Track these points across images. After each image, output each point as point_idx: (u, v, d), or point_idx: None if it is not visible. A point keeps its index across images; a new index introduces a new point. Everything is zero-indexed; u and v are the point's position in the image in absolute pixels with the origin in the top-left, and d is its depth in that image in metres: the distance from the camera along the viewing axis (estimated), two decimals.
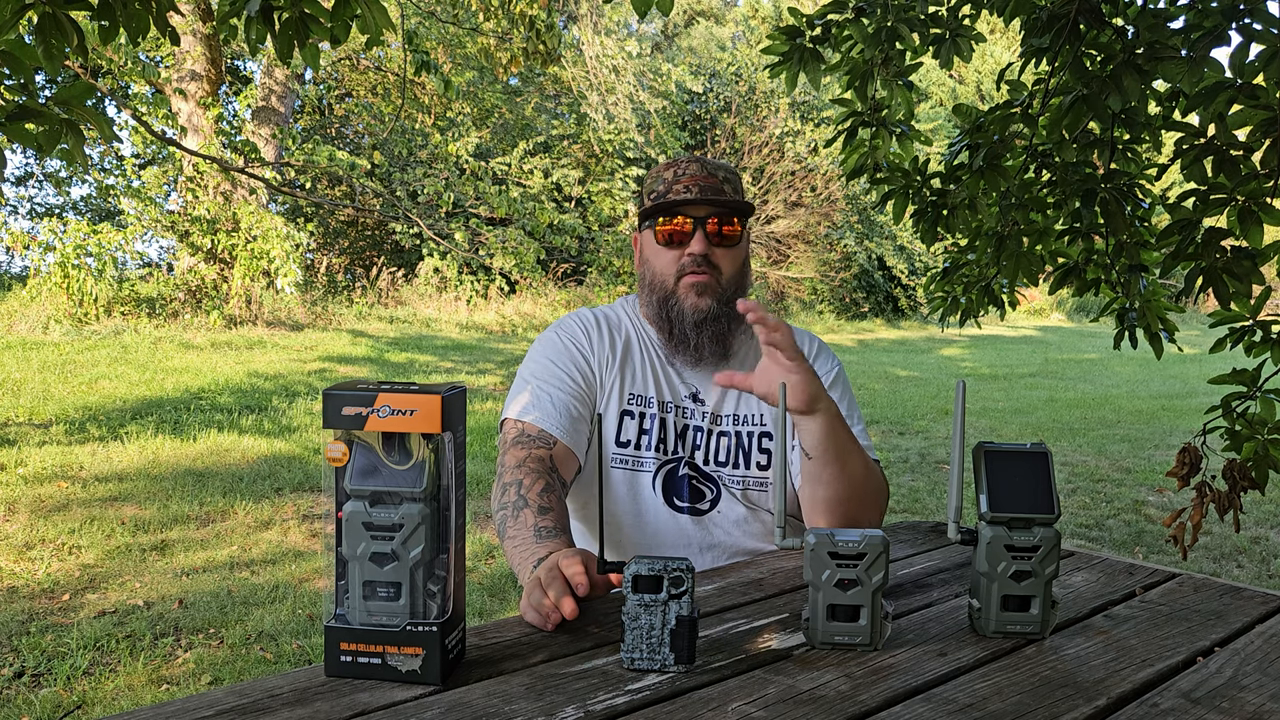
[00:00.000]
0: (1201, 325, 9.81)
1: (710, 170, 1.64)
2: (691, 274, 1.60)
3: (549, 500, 1.45)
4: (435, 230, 13.48)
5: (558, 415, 1.57)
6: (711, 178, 1.63)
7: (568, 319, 1.72)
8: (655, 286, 1.64)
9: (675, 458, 1.63)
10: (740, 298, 1.60)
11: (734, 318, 1.63)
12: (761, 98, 18.74)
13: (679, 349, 1.63)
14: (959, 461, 1.11)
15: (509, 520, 1.43)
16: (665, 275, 1.63)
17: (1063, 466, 6.23)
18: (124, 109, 11.72)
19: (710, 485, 1.64)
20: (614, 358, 1.66)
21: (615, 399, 1.64)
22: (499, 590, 3.70)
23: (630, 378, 1.66)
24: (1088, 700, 0.98)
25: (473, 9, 9.14)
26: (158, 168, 13.28)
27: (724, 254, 1.62)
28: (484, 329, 13.79)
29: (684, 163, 1.66)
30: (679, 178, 1.64)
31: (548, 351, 1.66)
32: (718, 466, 1.64)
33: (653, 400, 1.65)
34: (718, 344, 1.62)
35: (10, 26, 1.80)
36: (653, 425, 1.63)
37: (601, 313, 1.73)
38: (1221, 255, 2.30)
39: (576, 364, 1.64)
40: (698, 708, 0.95)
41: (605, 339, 1.68)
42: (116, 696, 2.75)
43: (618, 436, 1.63)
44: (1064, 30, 2.41)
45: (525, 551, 1.36)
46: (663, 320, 1.64)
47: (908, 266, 18.92)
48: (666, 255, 1.63)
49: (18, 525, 4.23)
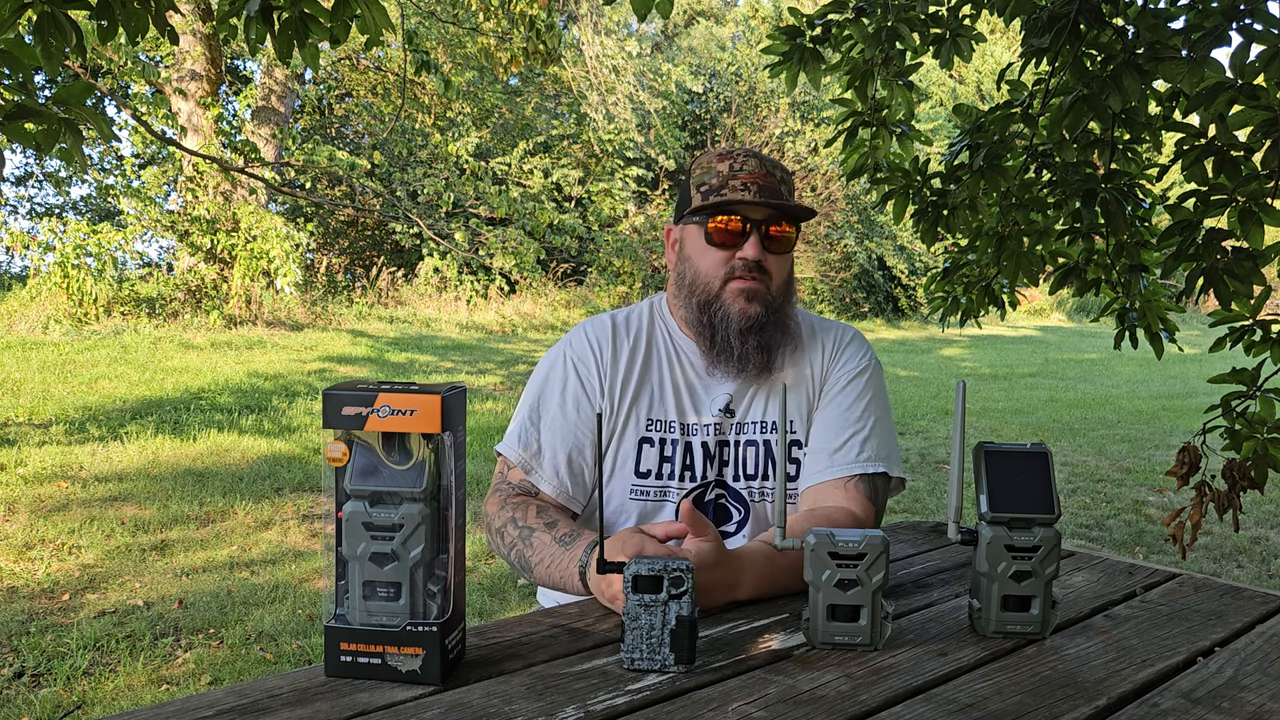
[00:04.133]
0: (1202, 325, 9.82)
1: (769, 168, 1.51)
2: (741, 279, 1.47)
3: (550, 516, 1.41)
4: (435, 230, 13.49)
5: (544, 468, 1.49)
6: (770, 176, 1.50)
7: (580, 334, 1.58)
8: (697, 288, 1.51)
9: (704, 483, 1.53)
10: (790, 306, 1.53)
11: (779, 328, 1.51)
12: (761, 98, 18.74)
13: (721, 358, 1.50)
14: (959, 461, 1.11)
15: (525, 551, 1.38)
16: (711, 277, 1.49)
17: (1063, 466, 6.23)
18: (124, 109, 11.72)
19: (739, 506, 1.54)
20: (630, 380, 1.53)
21: (632, 426, 1.52)
22: (499, 590, 3.70)
23: (649, 401, 1.53)
24: (1088, 700, 0.98)
25: (473, 9, 9.14)
26: (157, 168, 13.28)
27: (776, 260, 1.49)
28: (484, 329, 13.78)
29: (740, 156, 1.51)
30: (735, 173, 1.49)
31: (551, 381, 1.55)
32: (747, 480, 1.53)
33: (674, 424, 1.52)
34: (762, 354, 1.49)
35: (9, 25, 1.80)
36: (675, 451, 1.52)
37: (623, 321, 1.59)
38: (1222, 256, 2.30)
39: (577, 400, 1.52)
40: (698, 708, 0.95)
41: (623, 358, 1.54)
42: (116, 696, 2.75)
43: (637, 466, 1.52)
44: (1064, 30, 2.41)
45: (562, 564, 1.32)
46: (704, 326, 1.50)
47: (908, 266, 18.93)
48: (715, 256, 1.49)
49: (18, 525, 4.23)
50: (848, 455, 1.49)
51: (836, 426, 1.53)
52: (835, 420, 1.53)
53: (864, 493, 1.48)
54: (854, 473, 1.48)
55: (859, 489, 1.48)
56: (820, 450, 1.52)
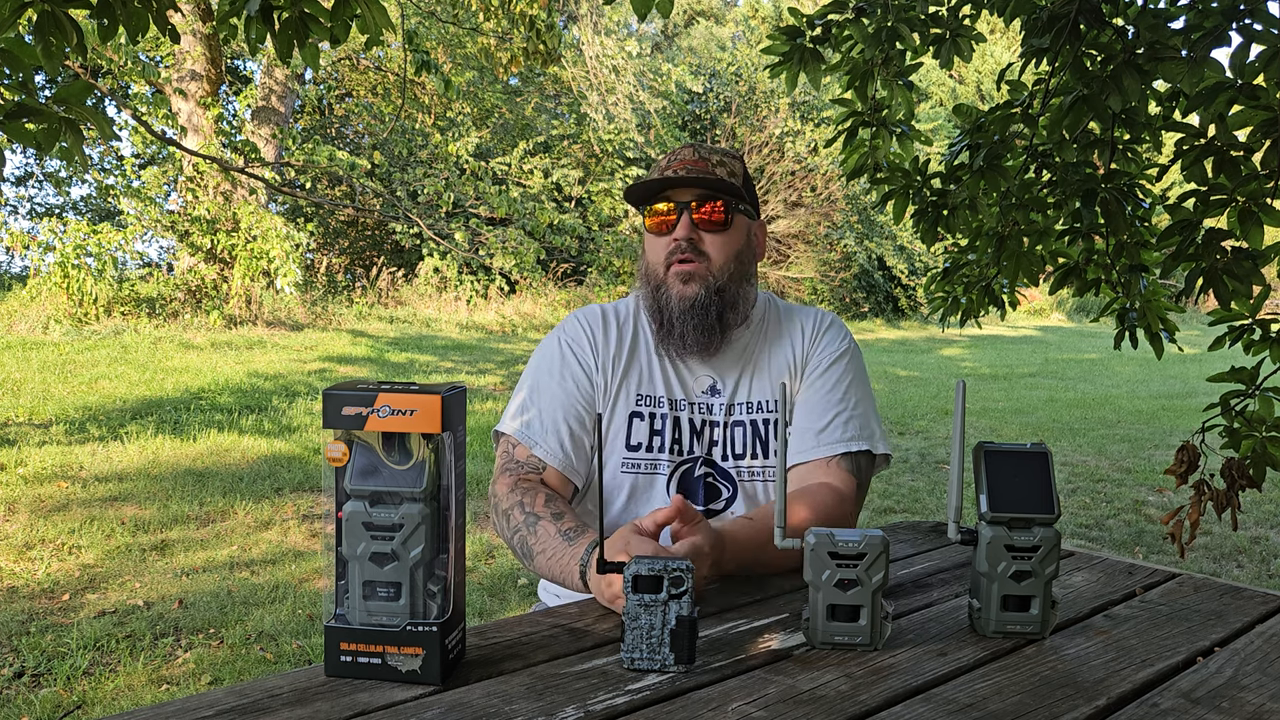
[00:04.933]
0: (1201, 325, 9.82)
1: (703, 154, 1.56)
2: (678, 261, 1.53)
3: (558, 507, 1.43)
4: (435, 230, 13.49)
5: (548, 439, 1.52)
6: (702, 161, 1.55)
7: (572, 319, 1.65)
8: (649, 276, 1.58)
9: (692, 458, 1.57)
10: (737, 287, 1.55)
11: (727, 307, 1.54)
12: (761, 98, 18.73)
13: (666, 339, 1.56)
14: (959, 461, 1.11)
15: (528, 538, 1.40)
16: (656, 264, 1.56)
17: (1063, 466, 6.23)
18: (124, 109, 11.71)
19: (727, 483, 1.57)
20: (620, 358, 1.59)
21: (622, 401, 1.57)
22: (499, 590, 3.70)
23: (638, 377, 1.59)
24: (1088, 700, 0.98)
25: (473, 9, 9.14)
26: (157, 168, 13.29)
27: (713, 240, 1.53)
28: (484, 329, 13.78)
29: (681, 150, 1.59)
30: (670, 163, 1.57)
31: (546, 361, 1.61)
32: (735, 460, 1.57)
33: (663, 399, 1.58)
34: (704, 334, 1.53)
35: (9, 25, 1.80)
36: (664, 425, 1.56)
37: (612, 309, 1.66)
38: (1222, 256, 2.30)
39: (574, 376, 1.58)
40: (698, 708, 0.95)
41: (612, 337, 1.61)
42: (116, 696, 2.75)
43: (628, 440, 1.56)
44: (1064, 30, 2.41)
45: (563, 559, 1.33)
46: (655, 310, 1.57)
47: (908, 266, 18.93)
48: (656, 243, 1.56)
49: (18, 525, 4.23)
50: (832, 435, 1.54)
51: (820, 408, 1.57)
52: (819, 402, 1.58)
53: (848, 469, 1.53)
54: (838, 451, 1.53)
55: (842, 466, 1.53)
56: (805, 430, 1.56)
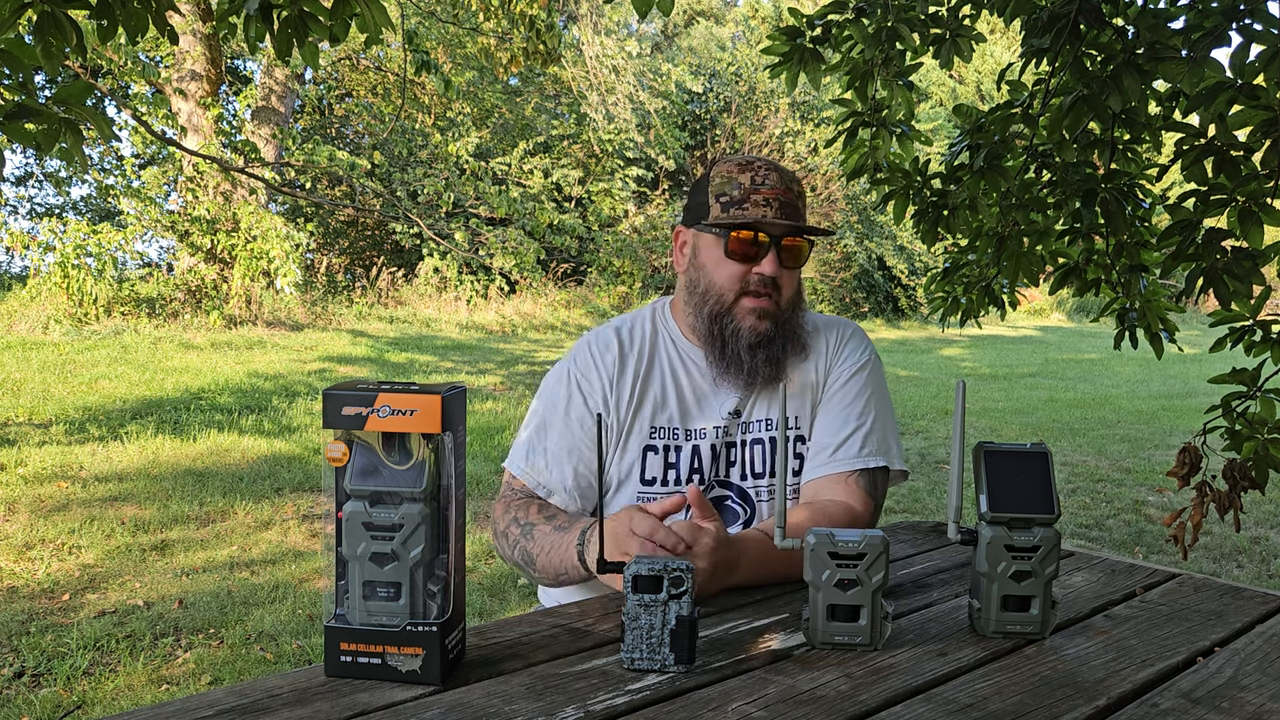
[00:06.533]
0: (1201, 325, 9.81)
1: (788, 183, 1.50)
2: (754, 295, 1.49)
3: (551, 511, 1.46)
4: (435, 230, 13.48)
5: (552, 480, 1.51)
6: (789, 191, 1.49)
7: (584, 348, 1.58)
8: (710, 299, 1.51)
9: (709, 485, 1.54)
10: (799, 317, 1.55)
11: (790, 339, 1.53)
12: (761, 98, 18.73)
13: (730, 370, 1.51)
14: (959, 461, 1.11)
15: (527, 545, 1.41)
16: (726, 290, 1.50)
17: (1063, 466, 6.23)
18: (124, 109, 11.71)
19: (745, 505, 1.55)
20: (634, 391, 1.54)
21: (635, 435, 1.53)
22: (499, 590, 3.70)
23: (652, 408, 1.54)
24: (1088, 700, 0.98)
25: (473, 9, 9.14)
26: (157, 168, 13.28)
27: (789, 275, 1.51)
28: (484, 329, 13.78)
29: (762, 170, 1.50)
30: (757, 186, 1.48)
31: (556, 397, 1.56)
32: (755, 479, 1.55)
33: (678, 431, 1.54)
34: (771, 367, 1.51)
35: (9, 25, 1.80)
36: (679, 458, 1.53)
37: (626, 332, 1.59)
38: (1222, 256, 2.30)
39: (581, 417, 1.53)
40: (698, 708, 0.95)
41: (629, 368, 1.55)
42: (116, 696, 2.75)
43: (642, 474, 1.53)
44: (1064, 30, 2.41)
45: (561, 547, 1.35)
46: (713, 337, 1.51)
47: (908, 266, 18.93)
48: (731, 269, 1.49)
49: (18, 525, 4.23)
50: (849, 451, 1.52)
51: (838, 422, 1.55)
52: (837, 416, 1.56)
53: (863, 487, 1.51)
54: (855, 468, 1.51)
55: (859, 484, 1.51)
56: (823, 446, 1.54)
